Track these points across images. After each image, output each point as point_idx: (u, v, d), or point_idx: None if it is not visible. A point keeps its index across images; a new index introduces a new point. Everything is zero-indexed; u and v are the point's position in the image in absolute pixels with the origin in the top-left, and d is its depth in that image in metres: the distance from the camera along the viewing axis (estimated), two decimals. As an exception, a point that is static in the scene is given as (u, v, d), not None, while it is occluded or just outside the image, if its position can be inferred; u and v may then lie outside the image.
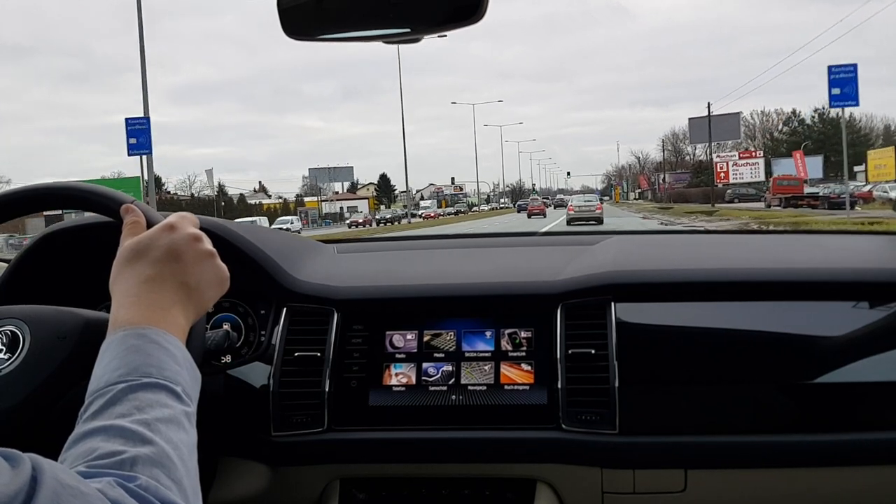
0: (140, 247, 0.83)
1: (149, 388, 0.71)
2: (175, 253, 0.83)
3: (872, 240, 1.55)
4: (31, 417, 0.94)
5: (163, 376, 0.72)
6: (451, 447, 1.21)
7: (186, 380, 0.75)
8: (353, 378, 1.26)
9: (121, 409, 0.68)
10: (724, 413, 1.17)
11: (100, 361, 0.75)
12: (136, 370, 0.72)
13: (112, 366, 0.72)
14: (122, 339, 0.75)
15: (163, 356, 0.74)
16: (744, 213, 32.90)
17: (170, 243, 0.83)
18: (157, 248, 0.83)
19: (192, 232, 0.85)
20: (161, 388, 0.71)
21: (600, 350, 1.20)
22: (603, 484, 1.18)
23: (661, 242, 1.64)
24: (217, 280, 0.86)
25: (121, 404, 0.68)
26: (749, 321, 1.23)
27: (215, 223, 1.31)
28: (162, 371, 0.73)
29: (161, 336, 0.76)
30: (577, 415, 1.18)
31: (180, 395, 0.72)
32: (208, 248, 0.86)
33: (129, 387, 0.70)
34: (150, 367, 0.72)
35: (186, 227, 0.86)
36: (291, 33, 0.94)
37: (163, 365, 0.73)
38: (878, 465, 1.16)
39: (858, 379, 1.19)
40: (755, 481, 1.17)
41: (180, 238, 0.84)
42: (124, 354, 0.73)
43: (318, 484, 1.26)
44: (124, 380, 0.71)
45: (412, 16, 0.90)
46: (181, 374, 0.75)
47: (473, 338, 1.26)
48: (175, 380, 0.73)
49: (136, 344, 0.74)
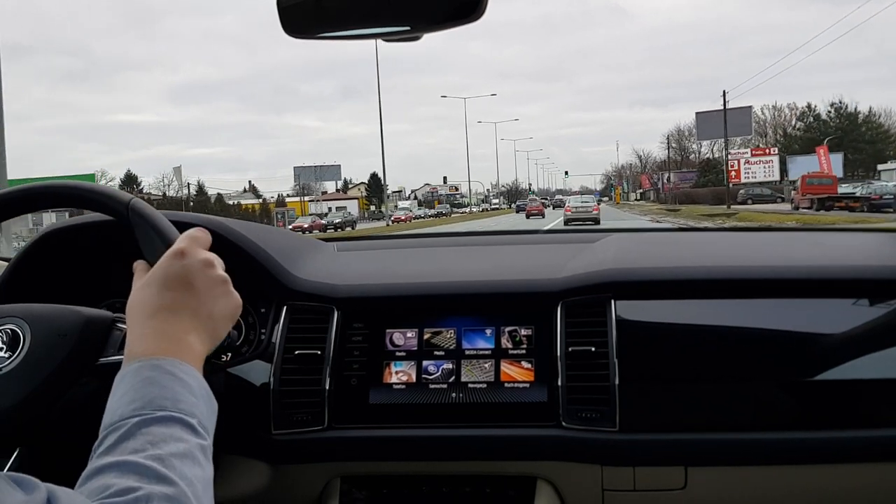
0: (152, 277, 0.83)
1: (163, 421, 0.69)
2: (187, 281, 0.82)
3: (872, 237, 1.55)
4: (31, 415, 0.94)
5: (178, 409, 0.71)
6: (451, 445, 1.21)
7: (203, 411, 0.74)
8: (354, 376, 1.26)
9: (134, 445, 0.67)
10: (724, 410, 1.18)
11: (114, 394, 0.74)
12: (151, 403, 0.71)
13: (126, 399, 0.72)
14: (137, 370, 0.74)
15: (178, 387, 0.73)
16: (768, 216, 28.21)
17: (181, 271, 0.82)
18: (169, 276, 0.82)
19: (203, 258, 0.84)
20: (176, 421, 0.70)
21: (600, 347, 1.20)
22: (603, 481, 1.18)
23: (660, 240, 1.64)
24: (229, 309, 0.85)
25: (134, 439, 0.67)
26: (749, 318, 1.23)
27: (215, 221, 1.32)
28: (177, 403, 0.72)
29: (176, 366, 0.75)
30: (578, 412, 1.18)
31: (196, 428, 0.71)
32: (221, 275, 0.85)
33: (142, 420, 0.69)
34: (165, 400, 0.71)
35: (197, 251, 0.85)
36: (291, 32, 0.94)
37: (178, 397, 0.72)
38: (879, 463, 1.16)
39: (858, 376, 1.19)
40: (755, 478, 1.17)
41: (192, 265, 0.83)
42: (139, 387, 0.72)
43: (319, 482, 1.26)
44: (138, 413, 0.70)
45: (412, 14, 0.90)
46: (197, 405, 0.74)
47: (474, 335, 1.26)
48: (191, 412, 0.72)
49: (150, 376, 0.73)
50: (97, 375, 0.98)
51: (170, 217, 1.04)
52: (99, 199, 1.00)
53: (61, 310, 1.00)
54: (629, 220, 36.49)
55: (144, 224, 0.97)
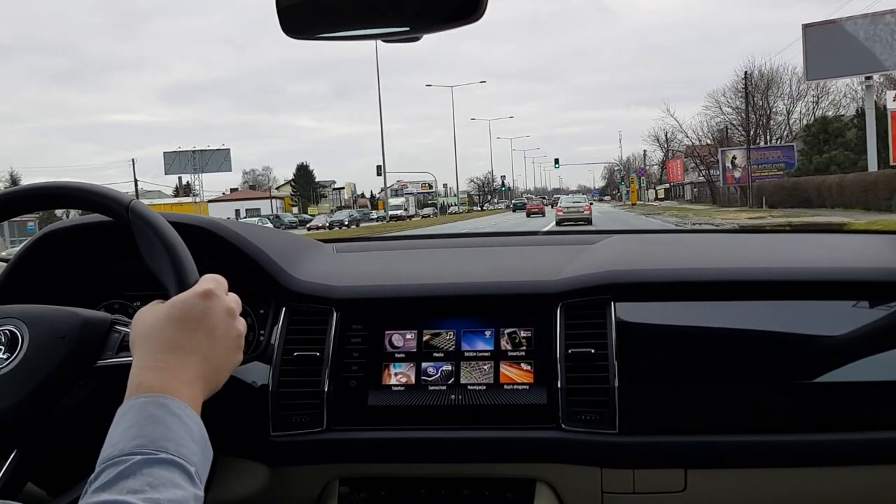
0: (174, 311, 0.82)
1: (164, 464, 0.69)
2: (208, 326, 0.82)
3: (872, 239, 1.55)
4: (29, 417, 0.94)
5: (179, 453, 0.71)
6: (450, 447, 1.21)
7: (200, 460, 0.74)
8: (353, 378, 1.26)
9: (133, 484, 0.66)
10: (724, 412, 1.17)
11: (117, 425, 0.73)
12: (154, 443, 0.70)
13: (129, 434, 0.71)
14: (143, 406, 0.74)
15: (181, 432, 0.73)
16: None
17: (204, 314, 0.83)
18: (192, 315, 0.82)
19: (228, 305, 0.85)
20: (176, 466, 0.70)
21: (600, 350, 1.20)
22: (603, 484, 1.18)
23: (661, 242, 1.64)
24: (234, 364, 0.86)
25: (134, 478, 0.67)
26: (749, 320, 1.23)
27: (214, 223, 1.31)
28: (179, 448, 0.71)
29: (182, 409, 0.75)
30: (577, 414, 1.18)
31: (193, 477, 0.71)
32: (238, 329, 0.86)
33: (144, 461, 0.68)
34: (168, 442, 0.71)
35: (222, 297, 0.85)
36: (290, 32, 0.93)
37: (180, 441, 0.72)
38: (878, 465, 1.15)
39: (858, 378, 1.18)
40: (755, 481, 1.17)
41: (216, 310, 0.83)
42: (144, 423, 0.72)
43: (318, 484, 1.25)
44: (141, 451, 0.69)
45: (411, 14, 0.90)
46: (197, 453, 0.73)
47: (473, 337, 1.26)
48: (190, 459, 0.72)
49: (156, 414, 0.73)
50: (95, 377, 0.97)
51: (169, 218, 1.03)
52: (99, 200, 1.00)
53: (59, 311, 1.00)
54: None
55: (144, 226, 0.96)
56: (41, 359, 0.95)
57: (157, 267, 0.94)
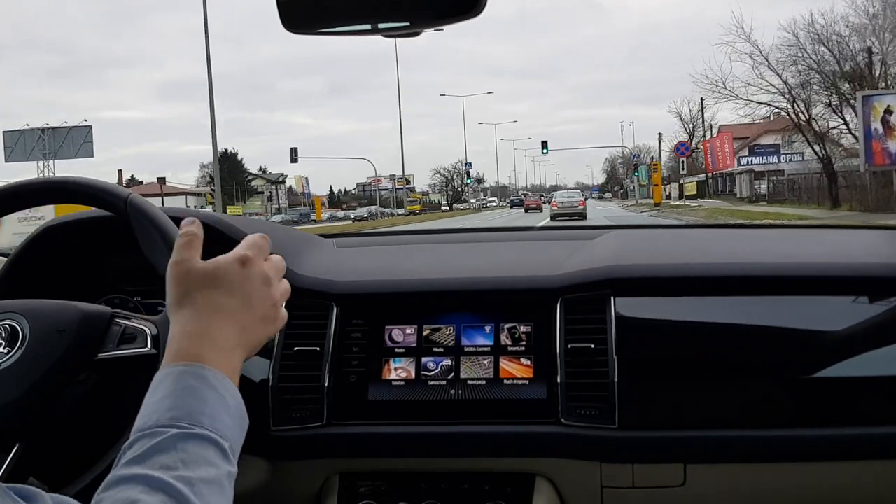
0: (214, 275, 0.79)
1: (198, 439, 0.67)
2: (246, 293, 0.79)
3: (873, 234, 1.55)
4: (31, 411, 0.94)
5: (214, 428, 0.69)
6: (450, 441, 1.21)
7: (235, 435, 0.72)
8: (353, 372, 1.26)
9: (166, 460, 0.65)
10: (723, 407, 1.17)
11: (153, 392, 0.71)
12: (190, 416, 0.68)
13: (165, 404, 0.69)
14: (180, 375, 0.72)
15: (218, 406, 0.71)
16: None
17: (244, 281, 0.79)
18: (231, 283, 0.78)
19: (265, 273, 0.81)
20: (211, 442, 0.68)
21: (600, 345, 1.20)
22: (602, 478, 1.18)
23: (660, 237, 1.64)
24: (272, 332, 0.82)
25: (167, 454, 0.65)
26: (749, 316, 1.23)
27: (213, 216, 1.31)
28: (214, 422, 0.69)
29: (220, 380, 0.73)
30: (577, 409, 1.18)
31: (227, 454, 0.69)
32: (275, 297, 0.82)
33: (179, 434, 0.67)
34: (203, 417, 0.69)
35: (260, 264, 0.82)
36: (290, 27, 0.93)
37: (216, 415, 0.70)
38: (878, 460, 1.16)
39: (858, 374, 1.19)
40: (754, 476, 1.17)
41: (255, 277, 0.80)
42: (180, 394, 0.70)
43: (318, 478, 1.26)
44: (176, 424, 0.68)
45: (411, 9, 0.90)
46: (232, 428, 0.72)
47: (473, 332, 1.26)
48: (225, 434, 0.70)
49: (193, 385, 0.71)
50: (96, 370, 0.98)
51: (167, 212, 1.03)
52: (97, 194, 1.00)
53: (60, 305, 1.00)
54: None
55: (143, 220, 0.96)
56: (42, 353, 0.95)
57: (157, 260, 0.94)
